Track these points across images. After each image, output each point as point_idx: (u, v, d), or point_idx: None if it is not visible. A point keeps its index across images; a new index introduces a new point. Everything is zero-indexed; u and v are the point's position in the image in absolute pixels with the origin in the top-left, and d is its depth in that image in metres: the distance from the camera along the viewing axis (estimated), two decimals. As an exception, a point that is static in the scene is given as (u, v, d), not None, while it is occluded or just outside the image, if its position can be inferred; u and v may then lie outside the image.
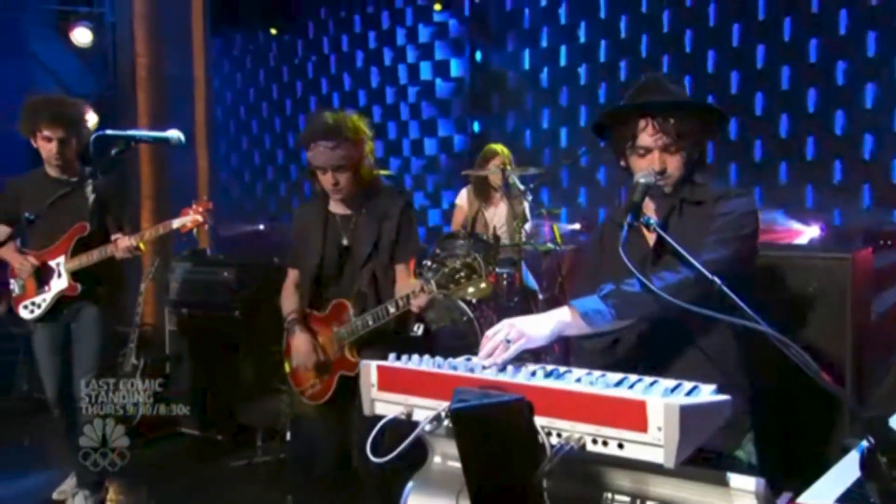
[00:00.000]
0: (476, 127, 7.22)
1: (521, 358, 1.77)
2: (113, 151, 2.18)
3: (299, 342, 2.93)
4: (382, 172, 3.55)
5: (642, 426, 1.34)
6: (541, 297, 4.35)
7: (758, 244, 2.03)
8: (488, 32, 7.16)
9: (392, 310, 2.70)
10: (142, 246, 3.46)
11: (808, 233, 5.36)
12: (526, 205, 4.29)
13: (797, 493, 1.46)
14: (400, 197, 3.00)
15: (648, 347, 2.02)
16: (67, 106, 3.53)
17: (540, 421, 1.44)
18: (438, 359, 1.65)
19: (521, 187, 4.33)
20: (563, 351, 3.88)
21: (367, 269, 2.89)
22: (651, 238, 2.08)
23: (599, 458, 1.56)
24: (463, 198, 4.78)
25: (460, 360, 1.69)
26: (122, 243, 3.40)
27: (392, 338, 2.86)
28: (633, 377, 1.62)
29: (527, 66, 6.99)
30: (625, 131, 1.99)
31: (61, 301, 3.57)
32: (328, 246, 2.96)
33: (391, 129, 7.68)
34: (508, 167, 4.32)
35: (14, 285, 3.67)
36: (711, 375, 1.96)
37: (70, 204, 3.52)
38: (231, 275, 4.55)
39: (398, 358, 1.63)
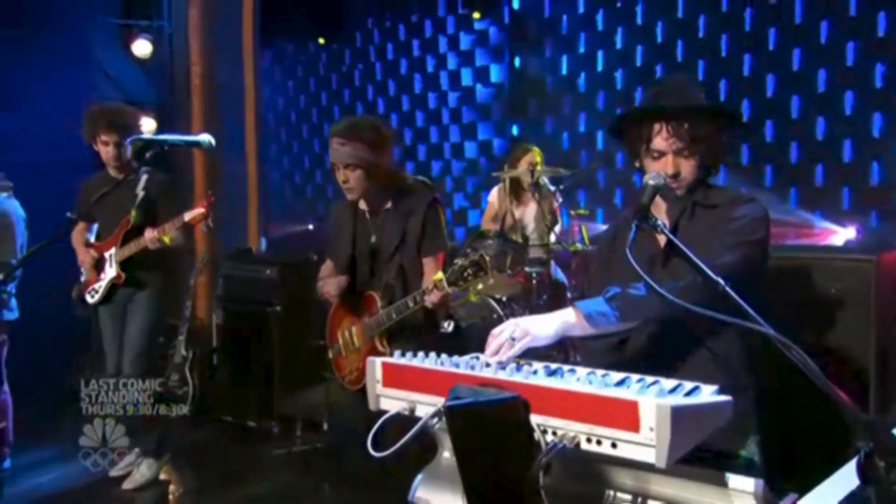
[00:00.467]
0: (515, 130, 7.17)
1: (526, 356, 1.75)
2: (147, 154, 2.25)
3: (327, 280, 3.04)
4: (419, 178, 3.56)
5: (635, 426, 1.31)
6: (569, 295, 4.29)
7: (768, 249, 1.97)
8: (527, 39, 7.10)
9: (411, 304, 2.70)
10: (165, 239, 3.60)
11: (843, 234, 5.20)
12: (556, 205, 4.24)
13: (802, 495, 1.41)
14: (426, 194, 2.99)
15: (655, 348, 1.97)
16: (122, 113, 3.78)
17: (536, 419, 1.41)
18: (443, 356, 1.64)
19: (552, 188, 4.28)
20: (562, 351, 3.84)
21: (394, 262, 2.91)
22: (661, 239, 2.02)
23: (602, 458, 1.53)
24: (494, 196, 4.76)
25: (466, 357, 1.67)
26: (147, 235, 3.58)
27: (422, 332, 2.89)
28: (634, 377, 1.58)
29: (564, 71, 6.90)
30: (640, 133, 1.94)
31: (115, 287, 3.82)
32: (358, 242, 3.02)
33: (433, 133, 7.69)
34: (538, 167, 4.27)
35: (83, 274, 3.96)
36: (717, 376, 1.90)
37: (122, 200, 3.76)
38: (273, 272, 4.63)
39: (403, 355, 1.62)
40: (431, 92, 7.66)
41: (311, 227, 7.68)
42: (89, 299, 3.90)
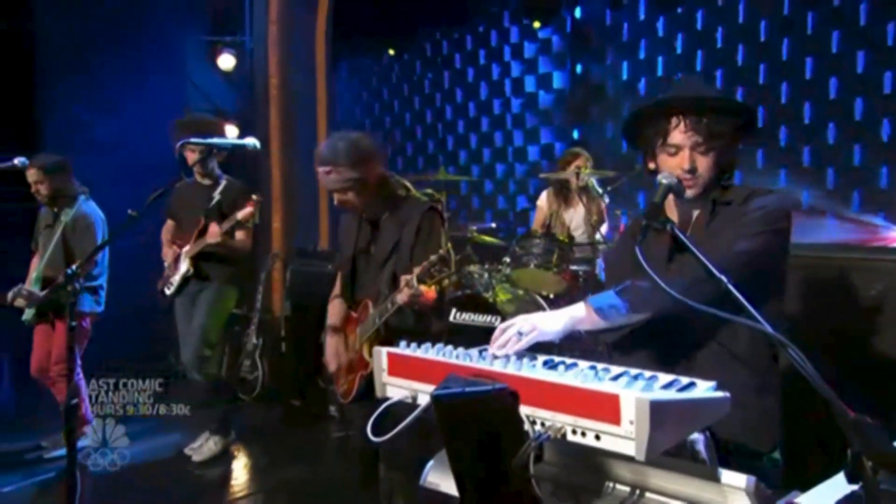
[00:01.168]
0: (576, 134, 7.06)
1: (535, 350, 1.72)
2: (196, 157, 2.33)
3: (326, 347, 2.95)
4: (427, 191, 3.52)
5: (616, 419, 1.27)
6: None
7: (789, 242, 1.85)
8: (589, 47, 6.98)
9: (389, 306, 2.60)
10: (229, 242, 3.75)
11: (908, 237, 4.89)
12: (604, 206, 4.15)
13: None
14: (424, 203, 2.85)
15: (676, 347, 1.90)
16: (206, 124, 3.98)
17: (525, 410, 1.38)
18: (448, 348, 1.62)
19: (599, 189, 4.20)
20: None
21: (387, 270, 2.78)
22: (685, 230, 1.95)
23: (602, 450, 1.49)
24: (543, 199, 4.71)
25: (471, 350, 1.65)
26: (211, 230, 3.77)
27: (412, 336, 2.74)
28: (633, 371, 1.54)
29: (625, 76, 6.76)
30: (656, 130, 1.85)
31: (188, 280, 3.99)
32: (358, 252, 2.93)
33: (498, 138, 7.67)
34: (583, 170, 4.20)
35: (166, 268, 4.17)
36: (740, 375, 1.82)
37: (200, 203, 3.96)
38: (335, 267, 4.70)
39: (408, 345, 1.62)
40: (496, 98, 7.65)
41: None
42: (166, 291, 4.09)
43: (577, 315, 1.75)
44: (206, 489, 3.84)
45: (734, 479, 1.36)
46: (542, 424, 1.36)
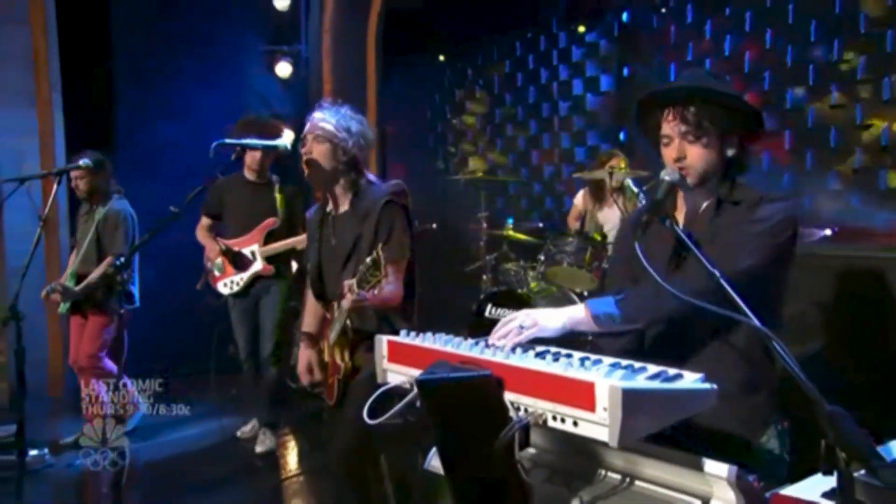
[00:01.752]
0: (622, 136, 6.96)
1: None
2: (231, 157, 2.42)
3: (303, 359, 2.80)
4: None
5: (591, 406, 1.29)
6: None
7: (795, 249, 1.81)
8: (636, 50, 6.88)
9: (340, 311, 2.48)
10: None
11: None
12: (639, 206, 4.09)
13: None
14: (383, 195, 2.60)
15: (676, 339, 1.88)
16: (265, 125, 4.01)
17: (510, 396, 1.41)
18: (446, 336, 1.65)
19: (635, 189, 4.13)
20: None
21: (349, 269, 2.57)
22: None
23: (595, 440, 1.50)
24: (579, 197, 4.67)
25: (469, 340, 1.68)
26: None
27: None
28: (624, 362, 1.54)
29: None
30: (654, 122, 1.87)
31: (255, 280, 4.03)
32: (323, 246, 2.75)
33: (545, 140, 7.65)
34: (616, 170, 4.15)
35: (213, 267, 4.11)
36: (739, 368, 1.80)
37: (259, 202, 3.98)
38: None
39: (408, 334, 1.66)
40: (545, 102, 7.61)
41: (434, 226, 7.85)
42: (224, 290, 4.06)
43: (576, 316, 1.76)
44: (259, 471, 3.97)
45: (716, 469, 1.35)
46: (526, 410, 1.38)
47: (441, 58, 7.72)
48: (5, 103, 4.90)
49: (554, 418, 1.34)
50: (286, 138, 5.82)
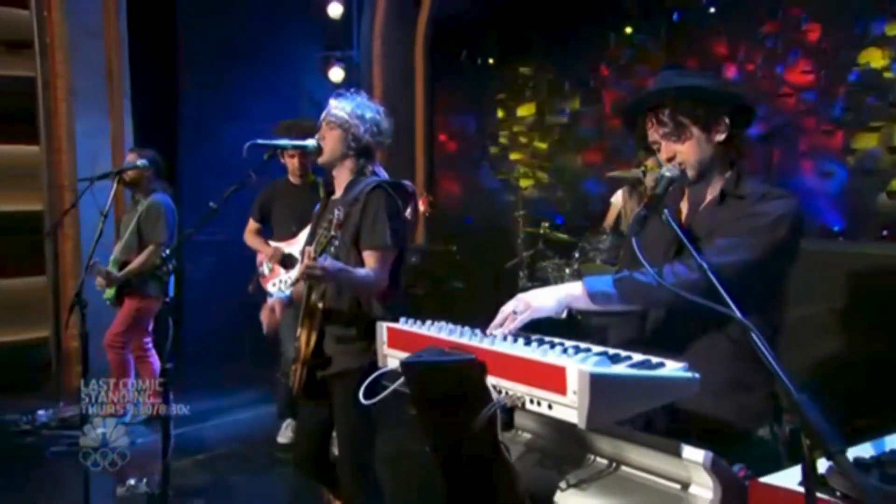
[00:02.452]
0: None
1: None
2: (265, 156, 2.49)
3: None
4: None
5: (563, 389, 1.31)
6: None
7: (796, 247, 1.78)
8: (685, 50, 6.73)
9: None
10: None
11: None
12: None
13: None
14: (370, 181, 2.54)
15: (676, 331, 1.87)
16: (302, 128, 3.79)
17: (492, 380, 1.44)
18: (443, 324, 1.69)
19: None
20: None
21: (330, 252, 2.36)
22: (685, 222, 1.92)
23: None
24: (617, 196, 4.63)
25: (467, 329, 1.70)
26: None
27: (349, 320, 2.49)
28: (612, 350, 1.56)
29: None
30: (641, 132, 1.88)
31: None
32: (318, 229, 2.59)
33: (592, 140, 7.56)
34: (650, 169, 4.10)
35: (264, 268, 4.16)
36: (736, 361, 1.79)
37: (303, 203, 3.90)
38: (417, 259, 4.87)
39: (406, 321, 1.71)
40: (593, 103, 7.52)
41: (475, 222, 7.93)
42: (273, 290, 4.00)
43: (573, 293, 1.76)
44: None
45: (694, 455, 1.36)
46: (507, 394, 1.42)
47: (490, 61, 7.73)
48: (83, 111, 5.22)
49: (531, 401, 1.37)
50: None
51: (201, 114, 5.94)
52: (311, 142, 2.55)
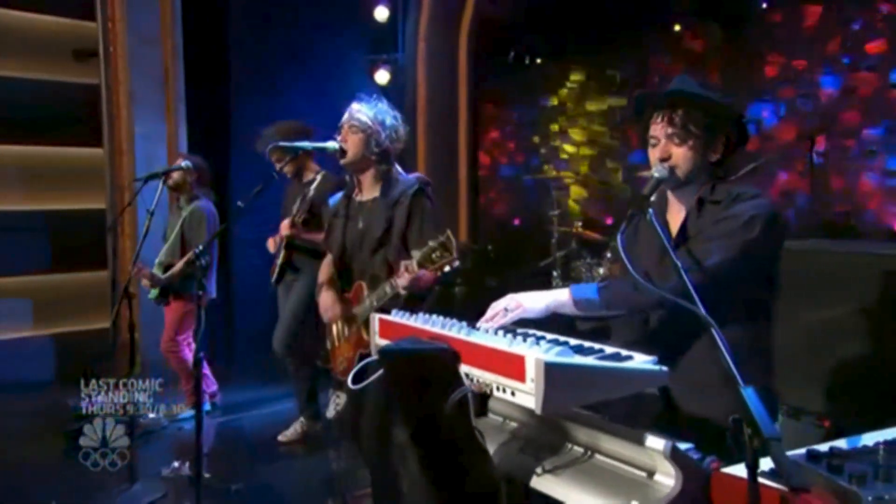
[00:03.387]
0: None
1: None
2: (286, 158, 2.62)
3: (324, 299, 2.92)
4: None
5: (522, 377, 1.40)
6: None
7: (773, 246, 1.82)
8: (734, 49, 6.60)
9: (388, 290, 2.59)
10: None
11: None
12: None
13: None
14: (413, 184, 2.77)
15: (672, 330, 1.92)
16: (294, 129, 4.04)
17: (465, 369, 1.54)
18: (432, 317, 1.79)
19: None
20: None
21: (380, 253, 2.76)
22: (674, 225, 1.98)
23: (567, 416, 1.62)
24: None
25: (454, 321, 1.80)
26: (283, 223, 3.90)
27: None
28: (587, 344, 1.64)
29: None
30: (645, 124, 1.95)
31: (284, 271, 4.13)
32: (348, 230, 2.90)
33: (635, 139, 7.51)
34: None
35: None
36: (710, 364, 1.82)
37: (296, 196, 4.08)
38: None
39: (397, 313, 1.83)
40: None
41: (517, 222, 7.98)
42: (272, 279, 4.26)
43: (560, 298, 1.86)
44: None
45: (655, 444, 1.43)
46: (476, 381, 1.52)
47: (538, 60, 7.76)
48: (142, 116, 5.57)
49: (498, 388, 1.47)
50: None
51: (253, 116, 6.18)
52: (331, 144, 2.70)
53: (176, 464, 3.74)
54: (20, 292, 5.71)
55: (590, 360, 1.45)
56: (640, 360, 1.51)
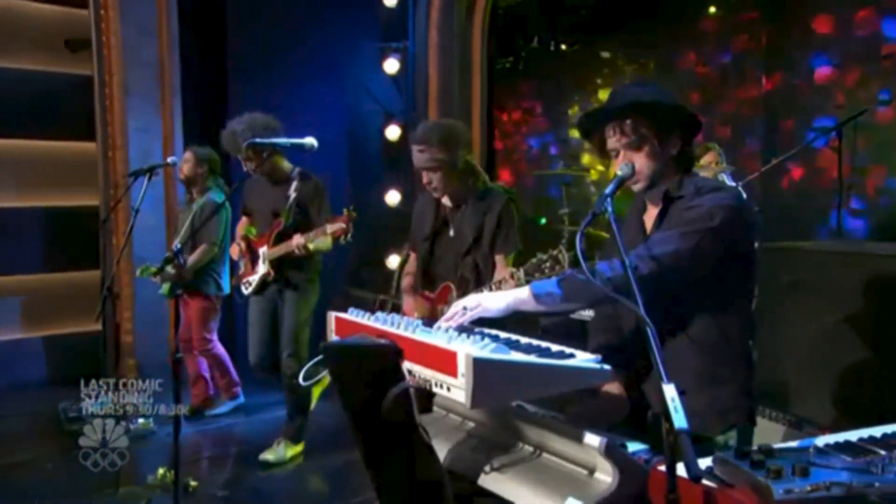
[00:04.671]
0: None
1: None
2: (264, 155, 2.75)
3: (407, 305, 3.27)
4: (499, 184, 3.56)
5: (455, 372, 1.55)
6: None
7: (735, 238, 1.95)
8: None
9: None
10: (310, 246, 3.78)
11: None
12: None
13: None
14: (503, 195, 3.15)
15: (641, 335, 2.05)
16: (262, 124, 3.94)
17: (408, 365, 1.70)
18: (390, 316, 1.95)
19: (731, 183, 4.21)
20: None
21: (470, 257, 3.10)
22: (648, 226, 2.13)
23: (519, 416, 1.78)
24: None
25: (405, 319, 1.94)
26: (294, 241, 3.84)
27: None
28: (535, 342, 1.79)
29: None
30: (599, 140, 2.15)
31: (266, 282, 4.14)
32: (438, 234, 3.26)
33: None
34: (702, 165, 4.19)
35: (241, 265, 4.38)
36: (703, 364, 1.98)
37: (275, 202, 4.07)
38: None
39: (353, 312, 1.99)
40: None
41: (544, 221, 8.11)
42: (243, 290, 4.26)
43: (520, 297, 2.00)
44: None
45: (592, 441, 1.58)
46: (416, 377, 1.68)
47: (563, 47, 7.87)
48: (137, 108, 5.80)
49: (436, 384, 1.62)
50: (392, 135, 6.29)
51: (253, 110, 6.41)
52: (308, 140, 2.86)
53: (161, 470, 3.96)
54: (12, 292, 6.00)
55: (522, 357, 1.59)
56: (582, 358, 1.65)
